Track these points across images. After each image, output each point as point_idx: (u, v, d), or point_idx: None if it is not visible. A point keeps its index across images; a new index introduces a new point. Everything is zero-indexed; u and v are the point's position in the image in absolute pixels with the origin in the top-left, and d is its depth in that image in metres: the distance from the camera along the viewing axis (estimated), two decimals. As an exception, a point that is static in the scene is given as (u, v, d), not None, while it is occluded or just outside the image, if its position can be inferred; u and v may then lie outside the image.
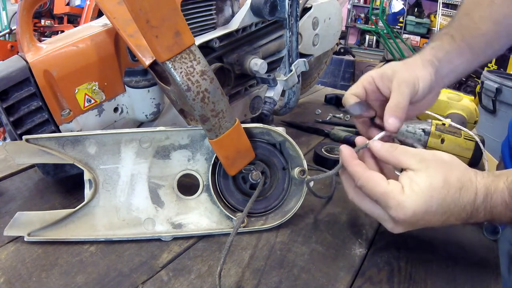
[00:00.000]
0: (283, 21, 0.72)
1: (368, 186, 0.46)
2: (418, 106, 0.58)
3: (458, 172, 0.45)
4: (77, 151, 0.54)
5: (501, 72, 2.25)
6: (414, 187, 0.44)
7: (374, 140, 0.50)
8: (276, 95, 0.75)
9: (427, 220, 0.45)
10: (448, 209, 0.44)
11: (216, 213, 0.57)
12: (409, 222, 0.45)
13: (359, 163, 0.48)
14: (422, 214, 0.44)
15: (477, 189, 0.44)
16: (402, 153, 0.47)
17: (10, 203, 0.61)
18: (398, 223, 0.46)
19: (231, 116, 0.52)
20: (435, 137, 0.82)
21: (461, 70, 0.59)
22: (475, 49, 0.59)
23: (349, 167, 0.48)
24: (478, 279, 0.52)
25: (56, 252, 0.51)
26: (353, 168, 0.48)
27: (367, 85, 0.56)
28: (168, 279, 0.48)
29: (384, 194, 0.45)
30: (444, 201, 0.44)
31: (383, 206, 0.46)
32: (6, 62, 0.58)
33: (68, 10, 3.78)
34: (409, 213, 0.44)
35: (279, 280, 0.49)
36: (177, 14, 0.44)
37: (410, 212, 0.44)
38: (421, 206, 0.43)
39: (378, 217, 0.48)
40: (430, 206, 0.44)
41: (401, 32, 5.71)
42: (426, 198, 0.43)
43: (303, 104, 1.18)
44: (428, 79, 0.53)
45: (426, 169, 0.45)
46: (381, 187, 0.45)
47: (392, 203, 0.44)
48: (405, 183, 0.45)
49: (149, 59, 0.57)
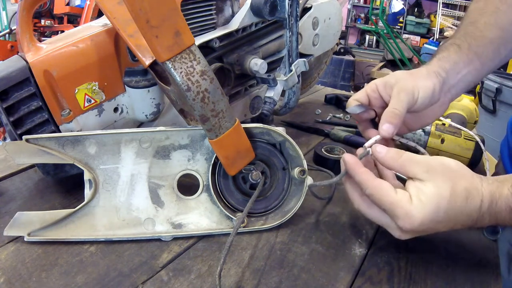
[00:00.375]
0: (283, 21, 0.72)
1: (377, 195, 0.46)
2: (423, 117, 0.58)
3: (464, 181, 0.45)
4: (77, 151, 0.54)
5: (501, 72, 2.25)
6: (421, 197, 0.44)
7: (377, 146, 0.50)
8: (276, 95, 0.75)
9: (434, 228, 0.46)
10: (455, 218, 0.45)
11: (216, 213, 0.57)
12: (416, 230, 0.46)
13: (366, 171, 0.48)
14: (429, 223, 0.44)
15: (483, 196, 0.45)
16: (408, 161, 0.47)
17: (10, 203, 0.61)
18: (405, 232, 0.47)
19: (231, 116, 0.52)
20: (435, 137, 0.82)
21: (470, 79, 0.59)
22: (482, 57, 0.58)
23: (357, 176, 0.48)
24: (478, 279, 0.52)
25: (56, 252, 0.51)
26: (360, 176, 0.48)
27: (370, 92, 0.57)
28: (168, 279, 0.48)
29: (392, 204, 0.45)
30: (451, 210, 0.44)
31: (391, 216, 0.46)
32: (6, 62, 0.58)
33: (68, 10, 3.79)
34: (416, 223, 0.44)
35: (279, 280, 0.49)
36: (177, 14, 0.44)
37: (417, 222, 0.44)
38: (428, 216, 0.44)
39: (386, 225, 0.49)
40: (437, 215, 0.44)
41: (401, 32, 5.71)
42: (433, 208, 0.44)
43: (303, 104, 1.18)
44: (430, 89, 0.54)
45: (434, 179, 0.45)
46: (390, 197, 0.45)
47: (400, 212, 0.45)
48: (413, 192, 0.45)
49: (149, 59, 0.57)
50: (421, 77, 0.55)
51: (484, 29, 0.59)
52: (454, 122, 0.87)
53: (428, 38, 5.68)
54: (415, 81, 0.54)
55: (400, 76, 0.55)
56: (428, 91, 0.54)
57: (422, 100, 0.54)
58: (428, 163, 0.46)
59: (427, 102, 0.54)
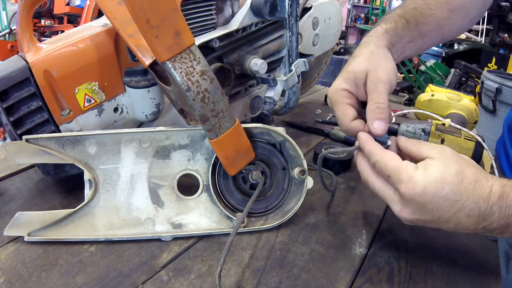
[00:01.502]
0: (283, 21, 0.72)
1: (383, 160, 0.47)
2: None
3: (475, 168, 0.45)
4: (77, 151, 0.54)
5: (501, 72, 2.25)
6: (428, 167, 0.44)
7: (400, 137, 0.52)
8: (276, 95, 0.75)
9: (436, 205, 0.43)
10: (460, 199, 0.43)
11: (216, 213, 0.57)
12: (417, 201, 0.44)
13: (375, 143, 0.50)
14: (432, 194, 0.43)
15: (492, 186, 0.43)
16: (425, 145, 0.48)
17: (10, 203, 0.61)
18: (406, 203, 0.45)
19: (231, 116, 0.52)
20: (435, 137, 0.82)
21: (407, 54, 0.60)
22: (425, 36, 0.59)
23: (367, 146, 0.49)
24: (478, 279, 0.52)
25: (56, 252, 0.51)
26: (370, 146, 0.49)
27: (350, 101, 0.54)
28: (168, 279, 0.48)
29: (397, 168, 0.45)
30: (457, 187, 0.43)
31: (395, 181, 0.45)
32: (6, 62, 0.58)
33: (68, 10, 3.79)
34: (419, 188, 0.43)
35: (279, 280, 0.49)
36: (177, 14, 0.44)
37: (420, 187, 0.43)
38: (432, 185, 0.43)
39: (388, 197, 0.48)
40: (442, 188, 0.43)
41: (401, 32, 5.70)
42: (438, 179, 0.43)
43: (303, 104, 1.18)
44: (395, 69, 0.54)
45: (444, 158, 0.45)
46: (396, 162, 0.46)
47: (404, 176, 0.44)
48: (420, 164, 0.45)
49: (149, 59, 0.57)
50: (383, 59, 0.54)
51: (434, 7, 0.59)
52: (454, 122, 0.87)
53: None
54: (382, 67, 0.53)
55: (363, 68, 0.53)
56: (395, 71, 0.54)
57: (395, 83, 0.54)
58: (442, 148, 0.47)
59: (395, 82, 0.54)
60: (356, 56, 0.55)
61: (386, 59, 0.54)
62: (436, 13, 0.58)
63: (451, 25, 0.60)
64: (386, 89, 0.52)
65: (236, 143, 0.54)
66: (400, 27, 0.57)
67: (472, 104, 1.02)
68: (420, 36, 0.58)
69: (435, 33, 0.60)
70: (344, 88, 0.54)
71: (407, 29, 0.57)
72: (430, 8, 0.59)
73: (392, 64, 0.54)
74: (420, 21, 0.58)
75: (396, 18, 0.58)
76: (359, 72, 0.53)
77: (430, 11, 0.58)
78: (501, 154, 0.83)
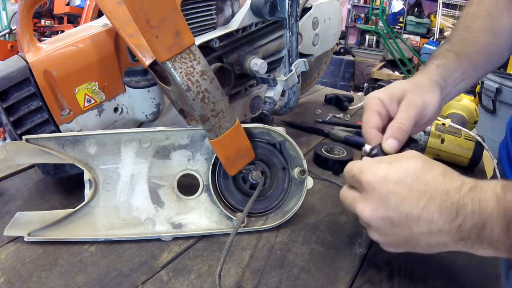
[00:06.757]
0: (283, 21, 0.72)
1: (349, 165, 0.47)
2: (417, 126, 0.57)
3: (445, 167, 0.44)
4: (77, 151, 0.54)
5: (501, 72, 2.25)
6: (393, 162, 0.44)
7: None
8: (276, 95, 0.75)
9: (401, 195, 0.41)
10: (427, 190, 0.41)
11: (216, 213, 0.57)
12: (379, 192, 0.42)
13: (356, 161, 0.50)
14: (395, 182, 0.42)
15: (464, 180, 0.41)
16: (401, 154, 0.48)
17: (10, 203, 0.61)
18: (367, 197, 0.44)
19: (231, 116, 0.52)
20: (435, 137, 0.82)
21: (463, 87, 0.59)
22: (478, 65, 0.59)
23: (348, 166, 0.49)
24: (478, 279, 0.52)
25: (56, 252, 0.51)
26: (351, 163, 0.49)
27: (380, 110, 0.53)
28: (168, 279, 0.48)
29: (361, 166, 0.46)
30: (423, 176, 0.42)
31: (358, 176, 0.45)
32: (6, 62, 0.57)
33: (68, 10, 3.79)
34: (380, 175, 0.43)
35: (279, 280, 0.49)
36: (177, 14, 0.44)
37: (381, 174, 0.43)
38: (394, 173, 0.42)
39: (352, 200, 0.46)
40: (405, 177, 0.42)
41: (401, 32, 5.71)
42: (401, 169, 0.43)
43: (303, 104, 1.18)
44: (437, 102, 0.53)
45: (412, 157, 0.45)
46: (361, 162, 0.47)
47: (367, 169, 0.44)
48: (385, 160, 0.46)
49: (149, 59, 0.57)
50: (427, 90, 0.54)
51: (478, 34, 0.59)
52: (454, 122, 0.87)
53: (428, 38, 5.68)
54: (423, 95, 0.53)
55: (405, 88, 0.54)
56: (436, 105, 0.53)
57: (431, 114, 0.53)
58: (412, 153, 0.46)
59: (434, 116, 0.54)
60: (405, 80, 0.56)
61: (430, 90, 0.54)
62: (481, 39, 0.59)
63: (497, 49, 0.60)
64: (416, 115, 0.51)
65: (236, 143, 0.54)
66: (451, 60, 0.58)
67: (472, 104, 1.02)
68: (472, 66, 0.58)
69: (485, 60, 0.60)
70: (379, 97, 0.54)
71: (457, 61, 0.58)
72: (475, 36, 0.59)
73: (435, 97, 0.53)
74: (468, 50, 0.58)
75: (445, 52, 0.59)
76: (399, 90, 0.54)
77: (475, 38, 0.59)
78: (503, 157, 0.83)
